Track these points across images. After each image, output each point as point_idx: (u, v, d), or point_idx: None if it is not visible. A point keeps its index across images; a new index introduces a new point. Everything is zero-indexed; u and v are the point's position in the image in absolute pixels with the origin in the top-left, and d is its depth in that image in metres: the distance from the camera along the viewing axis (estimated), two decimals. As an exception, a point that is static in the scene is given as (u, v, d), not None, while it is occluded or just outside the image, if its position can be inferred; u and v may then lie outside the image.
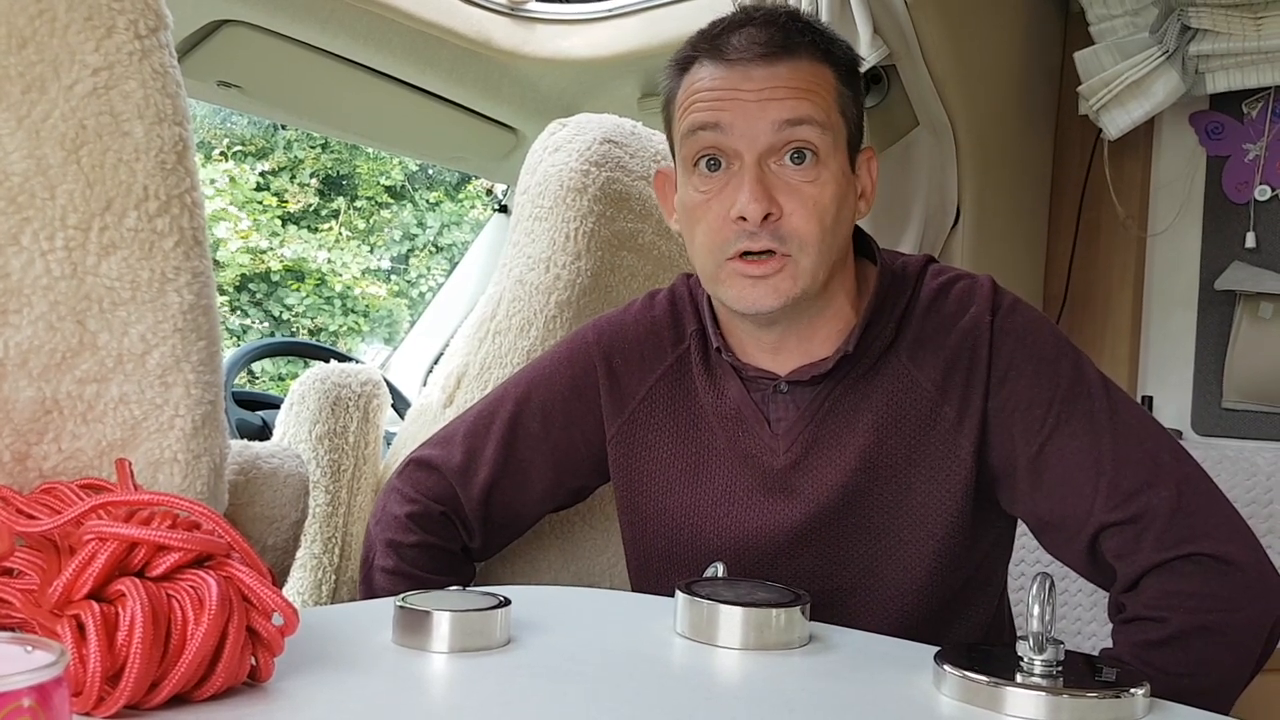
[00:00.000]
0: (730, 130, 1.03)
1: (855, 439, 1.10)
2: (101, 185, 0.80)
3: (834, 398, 1.11)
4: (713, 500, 1.15)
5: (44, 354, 0.79)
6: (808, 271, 1.05)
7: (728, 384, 1.16)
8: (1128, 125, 2.00)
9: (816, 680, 0.78)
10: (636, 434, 1.20)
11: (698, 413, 1.17)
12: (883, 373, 1.11)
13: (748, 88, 1.03)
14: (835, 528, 1.11)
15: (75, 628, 0.59)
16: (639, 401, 1.20)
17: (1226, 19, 1.87)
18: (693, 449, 1.17)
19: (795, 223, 1.03)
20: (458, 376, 1.47)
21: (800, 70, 1.04)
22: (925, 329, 1.11)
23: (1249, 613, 1.00)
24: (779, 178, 1.03)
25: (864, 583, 1.12)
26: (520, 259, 1.46)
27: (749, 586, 0.92)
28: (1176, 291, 2.10)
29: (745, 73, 1.04)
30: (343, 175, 9.17)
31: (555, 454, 1.23)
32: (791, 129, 1.02)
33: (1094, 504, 1.03)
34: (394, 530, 1.21)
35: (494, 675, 0.74)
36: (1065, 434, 1.05)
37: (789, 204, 1.03)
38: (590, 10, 2.28)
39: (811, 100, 1.03)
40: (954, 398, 1.08)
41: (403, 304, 9.11)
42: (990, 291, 1.11)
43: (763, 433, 1.13)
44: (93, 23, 0.81)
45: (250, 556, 0.67)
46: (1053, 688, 0.71)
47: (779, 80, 1.03)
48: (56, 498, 0.71)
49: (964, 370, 1.08)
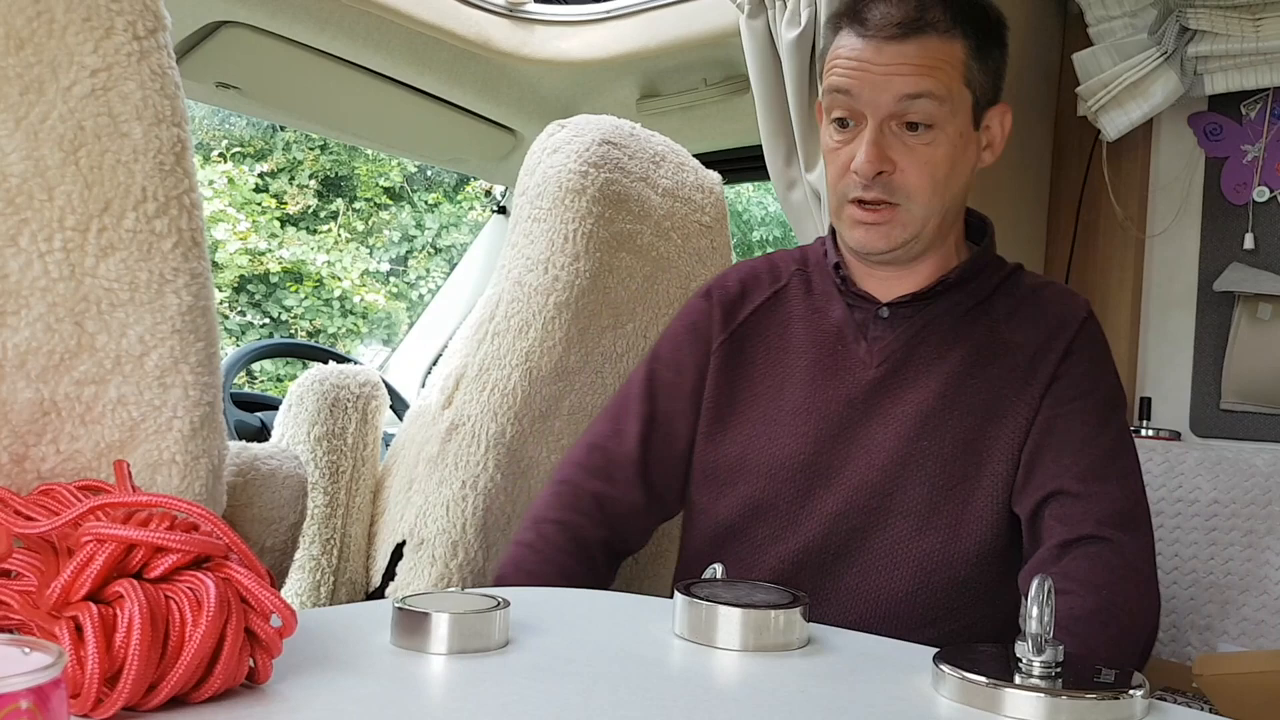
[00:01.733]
0: (859, 98, 1.18)
1: (942, 370, 1.22)
2: (100, 186, 0.80)
3: (929, 327, 1.24)
4: (792, 410, 1.25)
5: (42, 355, 0.78)
6: (918, 219, 1.20)
7: (831, 306, 1.29)
8: (1126, 126, 2.00)
9: (815, 682, 0.78)
10: (733, 351, 1.31)
11: (792, 337, 1.29)
12: (978, 325, 1.24)
13: (878, 61, 1.17)
14: (903, 451, 1.20)
15: (73, 629, 0.59)
16: (738, 324, 1.33)
17: (1225, 20, 1.87)
18: (782, 369, 1.28)
19: (908, 178, 1.18)
20: (456, 378, 1.47)
21: (927, 48, 1.16)
22: (1024, 307, 1.25)
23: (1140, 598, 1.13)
24: (897, 139, 1.18)
25: (919, 509, 1.19)
26: (519, 260, 1.46)
27: (747, 588, 0.92)
28: (1175, 292, 2.10)
29: (878, 47, 1.17)
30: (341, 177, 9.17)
31: (693, 396, 1.32)
32: (910, 102, 1.16)
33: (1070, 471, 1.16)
34: (542, 507, 1.31)
35: (492, 677, 0.74)
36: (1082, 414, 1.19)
37: (903, 161, 1.18)
38: (589, 12, 2.28)
39: (933, 76, 1.16)
40: (1034, 360, 1.21)
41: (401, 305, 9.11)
42: (1086, 301, 1.29)
43: (858, 349, 1.25)
44: (91, 24, 0.81)
45: (248, 558, 0.67)
46: (1051, 689, 0.71)
47: (905, 58, 1.16)
48: (54, 499, 0.71)
49: (1049, 340, 1.22)
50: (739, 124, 2.33)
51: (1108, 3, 2.01)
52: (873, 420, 1.21)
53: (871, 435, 1.21)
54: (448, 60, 2.27)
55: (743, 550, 1.25)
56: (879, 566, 1.19)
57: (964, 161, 1.22)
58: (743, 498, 1.25)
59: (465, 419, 1.42)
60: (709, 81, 2.32)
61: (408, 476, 1.51)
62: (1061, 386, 1.20)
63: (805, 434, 1.23)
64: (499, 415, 1.41)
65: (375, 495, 1.61)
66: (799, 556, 1.21)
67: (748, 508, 1.24)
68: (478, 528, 1.39)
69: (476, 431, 1.41)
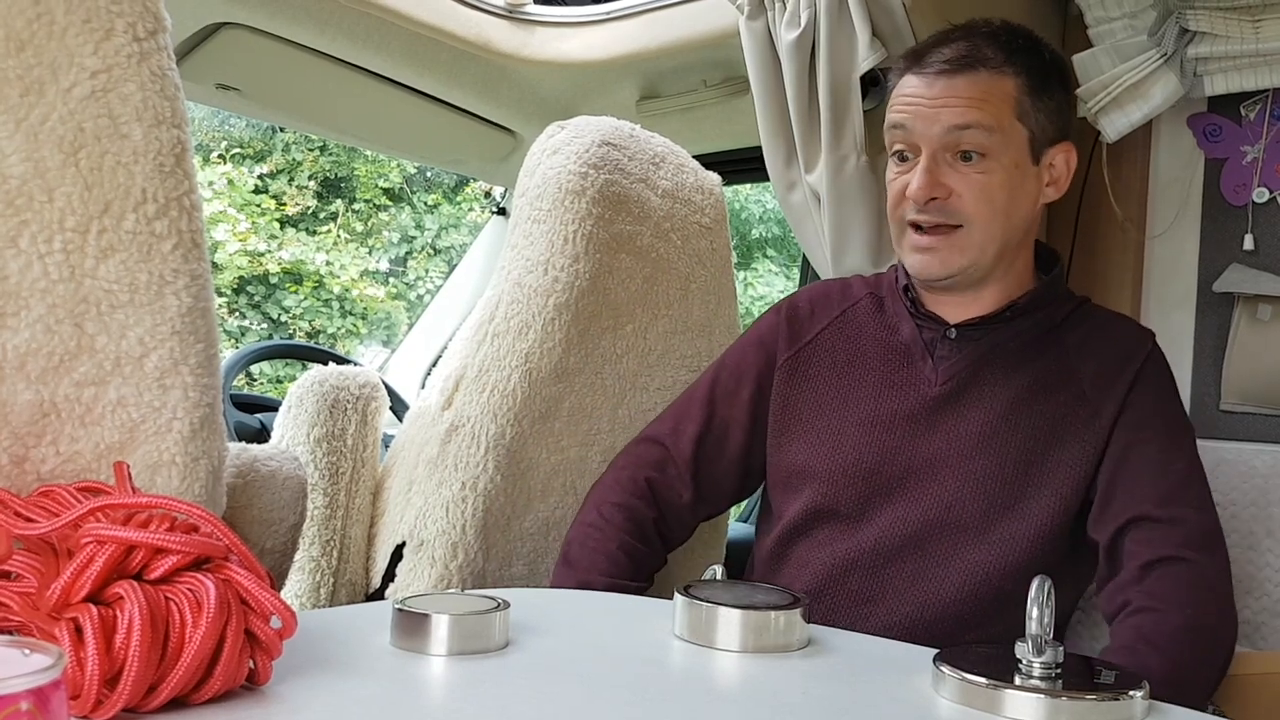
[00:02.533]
0: (912, 130, 1.25)
1: (1007, 394, 1.25)
2: (100, 188, 0.80)
3: (996, 351, 1.28)
4: (857, 422, 1.31)
5: (42, 357, 0.78)
6: (976, 244, 1.24)
7: (901, 324, 1.34)
8: (1126, 128, 2.00)
9: (815, 683, 0.78)
10: (801, 366, 1.38)
11: (861, 352, 1.36)
12: (1046, 353, 1.29)
13: (929, 95, 1.24)
14: (963, 468, 1.24)
15: (73, 631, 0.59)
16: (808, 341, 1.39)
17: (1225, 21, 1.87)
18: (849, 382, 1.34)
19: (965, 203, 1.23)
20: (456, 379, 1.47)
21: (977, 82, 1.23)
22: (1093, 337, 1.30)
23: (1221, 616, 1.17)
24: (951, 168, 1.24)
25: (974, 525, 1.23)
26: (518, 261, 1.46)
27: (747, 589, 0.92)
28: (1175, 293, 2.10)
29: (930, 82, 1.25)
30: (341, 178, 9.17)
31: (751, 405, 1.40)
32: (959, 133, 1.22)
33: (1149, 498, 1.19)
34: (603, 491, 1.41)
35: (492, 678, 0.74)
36: (1156, 443, 1.23)
37: (959, 186, 1.23)
38: (589, 13, 2.27)
39: (981, 109, 1.22)
40: (1100, 390, 1.25)
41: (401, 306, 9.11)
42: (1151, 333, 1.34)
43: (925, 366, 1.30)
44: (91, 25, 0.81)
45: (248, 559, 0.67)
46: (1051, 690, 0.71)
47: (954, 91, 1.23)
48: (54, 500, 0.71)
49: (1116, 371, 1.26)
50: (739, 125, 2.33)
51: (1107, 4, 2.01)
52: (935, 436, 1.26)
53: (933, 450, 1.26)
54: (447, 61, 2.27)
55: (802, 550, 1.31)
56: (928, 575, 1.23)
57: (1023, 193, 1.26)
58: (807, 501, 1.31)
59: (465, 420, 1.42)
60: (709, 83, 2.32)
61: (407, 478, 1.50)
62: (1132, 416, 1.24)
63: (868, 444, 1.29)
64: (499, 416, 1.41)
65: (375, 497, 1.61)
66: (853, 558, 1.26)
67: (810, 511, 1.30)
68: (477, 529, 1.39)
69: (476, 433, 1.41)
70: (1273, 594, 1.72)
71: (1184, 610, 1.12)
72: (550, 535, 1.49)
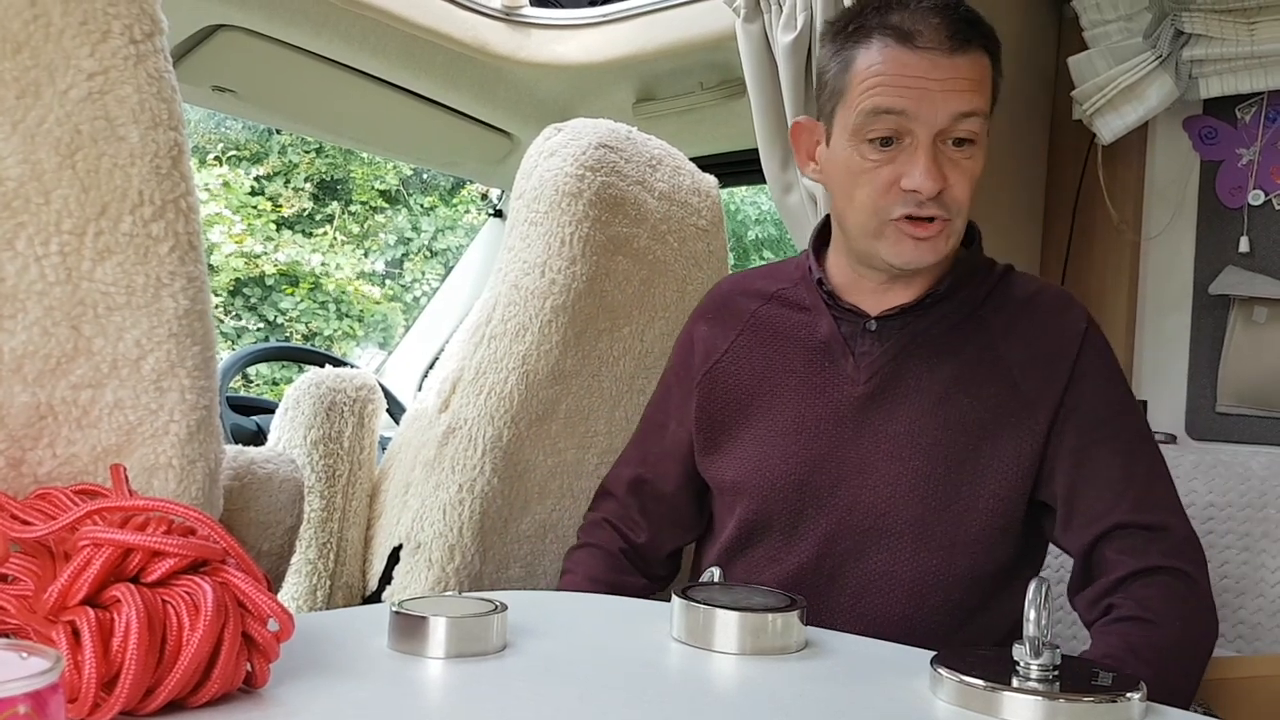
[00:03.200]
0: (914, 117, 1.13)
1: (934, 387, 1.19)
2: (96, 190, 0.80)
3: (918, 342, 1.21)
4: (782, 430, 1.24)
5: (39, 359, 0.78)
6: (959, 231, 1.19)
7: (819, 320, 1.27)
8: (1122, 130, 2.00)
9: (813, 685, 0.78)
10: (720, 377, 1.31)
11: (779, 354, 1.28)
12: (970, 337, 1.22)
13: (934, 76, 1.13)
14: (894, 471, 1.18)
15: (70, 634, 0.59)
16: (724, 350, 1.32)
17: (1220, 23, 1.88)
18: (770, 387, 1.27)
19: (956, 193, 1.16)
20: (453, 381, 1.47)
21: (976, 64, 1.15)
22: (1020, 319, 1.22)
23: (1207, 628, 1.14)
24: (944, 154, 1.15)
25: (912, 531, 1.17)
26: (515, 263, 1.46)
27: (745, 591, 0.92)
28: (1171, 296, 2.10)
29: (933, 62, 1.13)
30: (337, 180, 9.17)
31: (679, 437, 1.35)
32: (965, 120, 1.14)
33: (1120, 504, 1.14)
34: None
35: (489, 680, 0.74)
36: (1112, 442, 1.17)
37: (952, 176, 1.15)
38: (585, 15, 2.28)
39: (983, 91, 1.16)
40: (1034, 382, 1.18)
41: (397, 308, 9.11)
42: (1084, 306, 1.26)
43: (846, 364, 1.23)
44: (88, 28, 0.80)
45: (245, 562, 0.67)
46: (1049, 692, 0.71)
47: (960, 73, 1.13)
48: (51, 503, 0.71)
49: (1049, 362, 1.19)
50: (735, 127, 2.33)
51: (1103, 6, 2.01)
52: (863, 439, 1.19)
53: (862, 455, 1.19)
54: (444, 64, 2.27)
55: (741, 570, 1.26)
56: (873, 589, 1.18)
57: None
58: (741, 518, 1.26)
59: (462, 422, 1.42)
60: (705, 85, 2.32)
61: (404, 480, 1.50)
62: (1078, 412, 1.17)
63: (796, 454, 1.22)
64: (496, 419, 1.41)
65: (372, 499, 1.61)
66: (794, 577, 1.21)
67: (746, 528, 1.25)
68: (474, 531, 1.39)
69: (473, 435, 1.41)
70: (1269, 595, 1.72)
71: (1175, 624, 1.09)
72: (547, 538, 1.49)
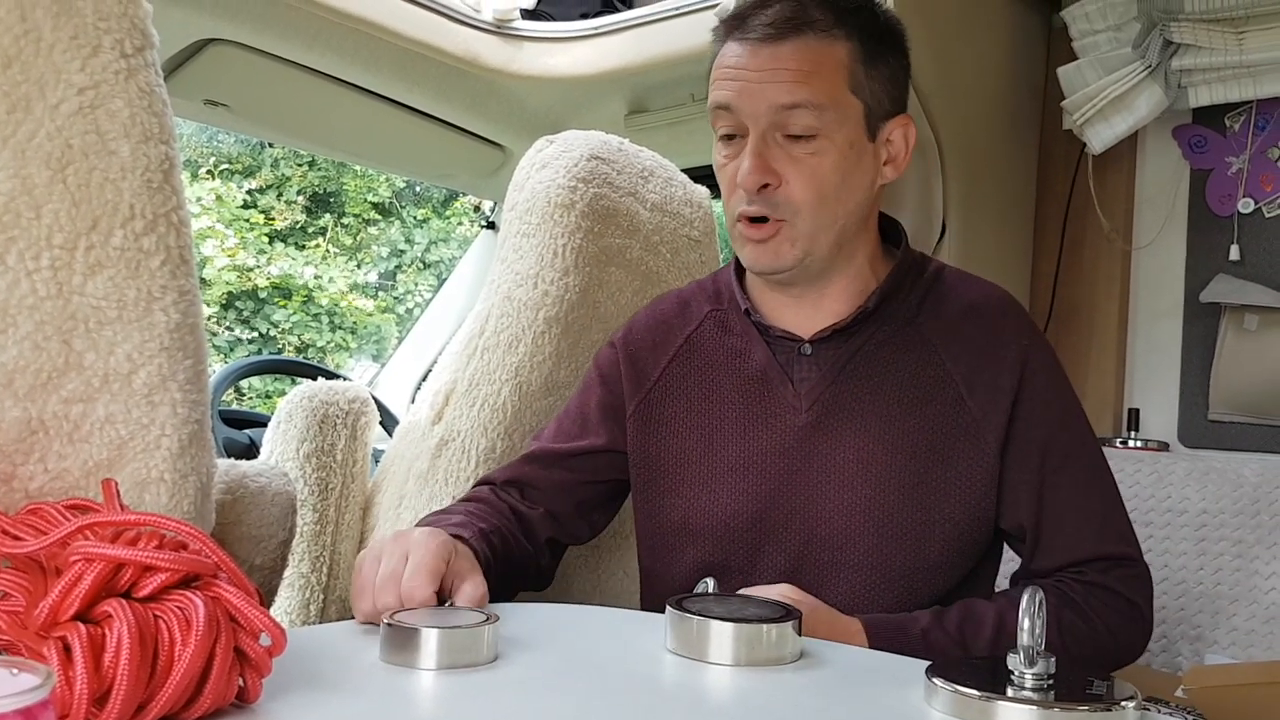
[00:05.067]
0: (739, 111, 1.10)
1: (877, 408, 1.14)
2: (87, 204, 0.80)
3: (856, 361, 1.16)
4: (728, 468, 1.17)
5: (30, 374, 0.78)
6: (806, 235, 1.11)
7: (753, 349, 1.20)
8: (1111, 139, 2.01)
9: (808, 696, 0.78)
10: (653, 411, 1.23)
11: (714, 386, 1.21)
12: (910, 350, 1.16)
13: (753, 68, 1.09)
14: (847, 501, 1.13)
15: (62, 650, 0.58)
16: (655, 381, 1.24)
17: (1209, 33, 1.89)
18: (709, 421, 1.20)
19: (793, 191, 1.10)
20: (446, 393, 1.47)
21: (805, 50, 1.08)
22: (961, 323, 1.17)
23: (1129, 651, 1.14)
24: (782, 149, 1.10)
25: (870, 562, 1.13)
26: (508, 275, 1.46)
27: (739, 602, 0.92)
28: (1162, 304, 2.11)
29: (754, 51, 1.09)
30: (330, 192, 9.17)
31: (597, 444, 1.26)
32: (788, 113, 1.08)
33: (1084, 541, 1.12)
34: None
35: (481, 692, 0.73)
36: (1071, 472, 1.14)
37: (788, 173, 1.10)
38: (577, 28, 2.28)
39: (810, 84, 1.08)
40: (980, 396, 1.13)
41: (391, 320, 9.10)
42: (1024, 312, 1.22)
43: (785, 392, 1.16)
44: (78, 42, 0.81)
45: (237, 576, 0.66)
46: (1044, 701, 0.71)
47: (780, 62, 1.08)
48: (42, 518, 0.71)
49: (993, 378, 1.14)
50: (727, 139, 2.33)
51: (1092, 17, 2.02)
52: (812, 469, 1.14)
53: (812, 486, 1.14)
54: (436, 77, 2.27)
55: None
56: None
57: (858, 174, 1.13)
58: (693, 562, 1.19)
59: (455, 434, 1.41)
60: (697, 97, 2.32)
61: (398, 493, 1.50)
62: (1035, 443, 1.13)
63: (745, 491, 1.16)
64: (489, 430, 1.40)
65: (365, 512, 1.61)
66: None
67: (699, 571, 1.17)
68: (468, 544, 1.39)
69: (467, 447, 1.40)
70: (1262, 601, 1.72)
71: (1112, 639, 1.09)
72: (541, 549, 1.49)
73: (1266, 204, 2.00)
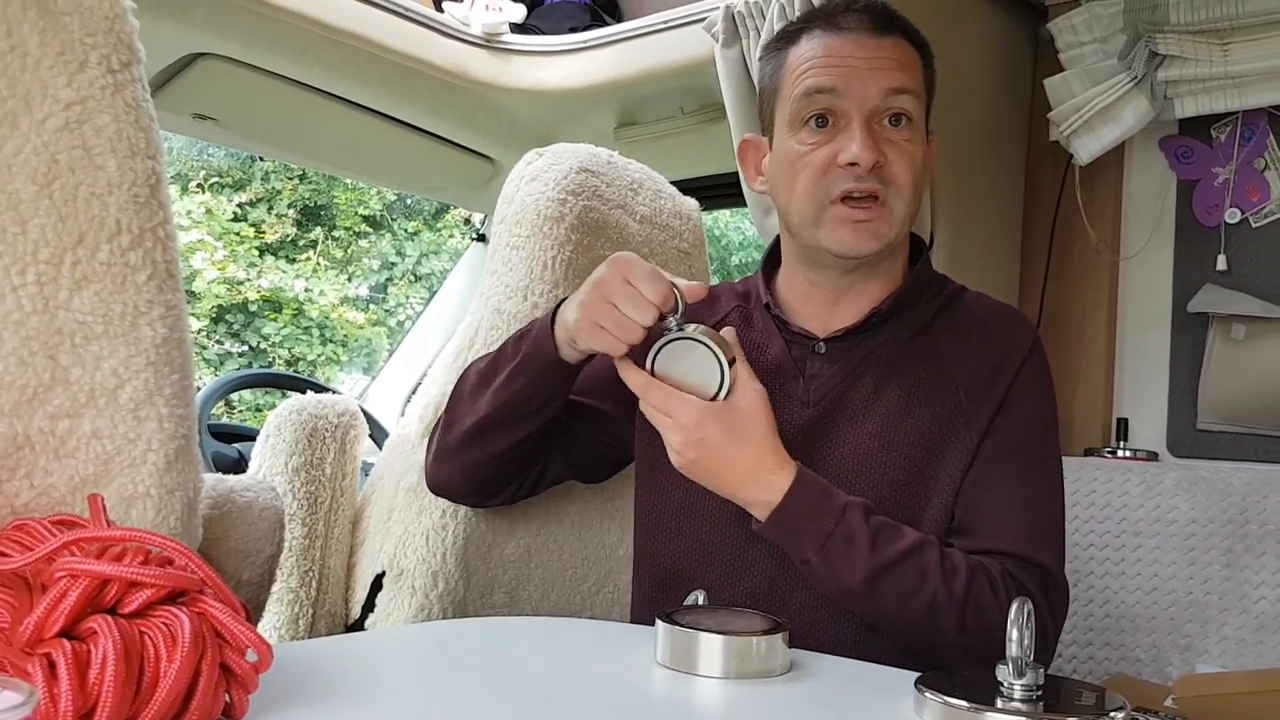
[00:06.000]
0: (845, 94, 1.14)
1: (880, 409, 1.17)
2: (74, 219, 0.80)
3: (867, 363, 1.19)
4: None
5: (15, 389, 0.78)
6: (900, 218, 1.17)
7: (770, 344, 1.24)
8: (1098, 150, 2.02)
9: (798, 708, 0.78)
10: None
11: None
12: (918, 358, 1.19)
13: (860, 54, 1.15)
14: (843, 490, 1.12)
15: (46, 666, 0.58)
16: None
17: (1194, 44, 1.90)
18: None
19: (896, 170, 1.15)
20: (435, 406, 1.46)
21: (901, 46, 1.17)
22: (971, 340, 1.20)
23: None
24: (881, 133, 1.15)
25: None
26: (498, 288, 1.46)
27: (729, 615, 0.91)
28: (1150, 314, 2.12)
29: (858, 40, 1.15)
30: (320, 206, 9.16)
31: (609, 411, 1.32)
32: (895, 96, 1.14)
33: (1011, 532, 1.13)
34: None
35: (473, 707, 0.73)
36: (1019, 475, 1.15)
37: (891, 154, 1.14)
38: (566, 42, 2.29)
39: (910, 72, 1.16)
40: (975, 398, 1.17)
41: (382, 332, 9.10)
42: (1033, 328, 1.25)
43: (796, 387, 1.20)
44: (65, 58, 0.80)
45: (224, 592, 0.66)
46: (1033, 712, 0.71)
47: (886, 51, 1.15)
48: (28, 534, 0.70)
49: (988, 382, 1.17)
50: (716, 151, 2.34)
51: (1078, 29, 2.04)
52: (812, 462, 1.15)
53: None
54: (426, 90, 2.28)
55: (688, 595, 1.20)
56: (824, 618, 1.14)
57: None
58: (688, 542, 1.22)
59: (445, 448, 1.41)
60: (685, 110, 2.33)
61: (387, 506, 1.50)
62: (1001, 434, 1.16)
63: None
64: (479, 444, 1.40)
65: (354, 526, 1.60)
66: (745, 602, 1.16)
67: (693, 552, 1.21)
68: (458, 557, 1.39)
69: (456, 460, 1.40)
70: (1251, 610, 1.73)
71: (996, 610, 1.06)
72: (532, 562, 1.49)
73: (1253, 214, 2.01)
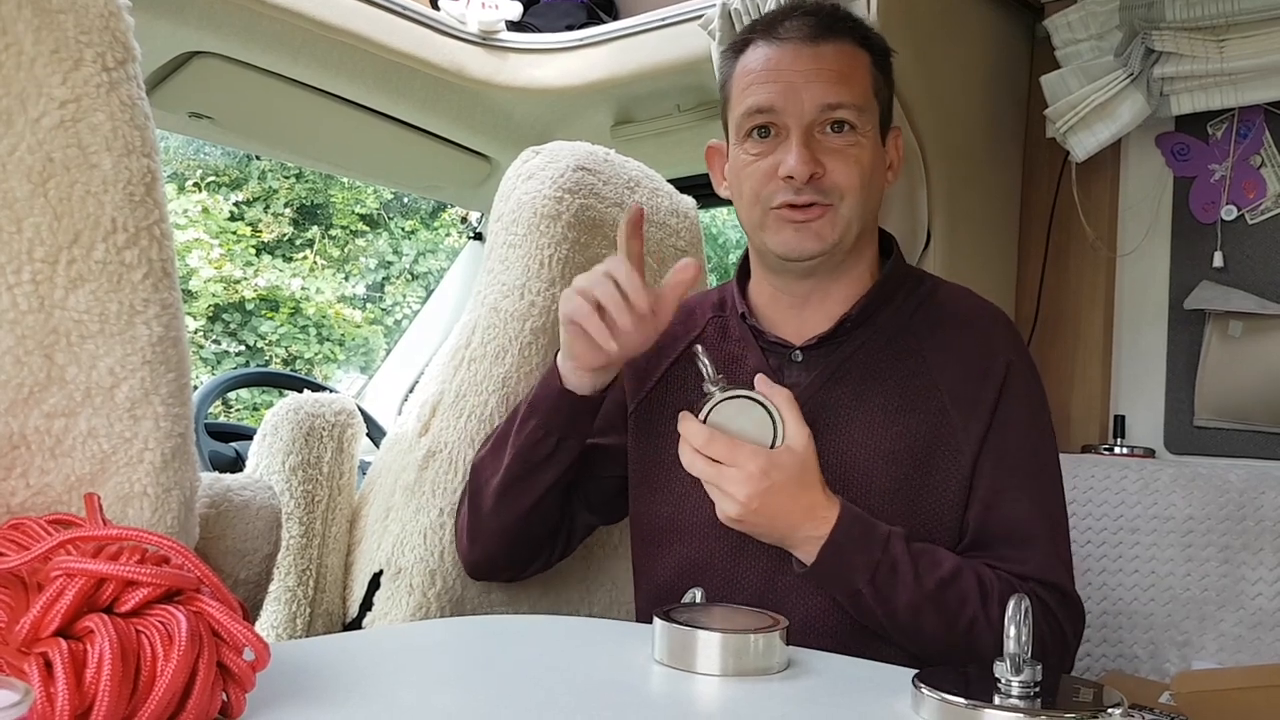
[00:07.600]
0: (782, 110, 1.15)
1: (863, 416, 1.16)
2: (69, 218, 0.80)
3: (845, 368, 1.19)
4: None
5: (11, 388, 0.78)
6: (845, 219, 1.16)
7: (747, 354, 1.24)
8: (1095, 147, 2.02)
9: (795, 706, 0.78)
10: (652, 411, 1.29)
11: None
12: (899, 360, 1.18)
13: (797, 67, 1.15)
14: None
15: (43, 666, 0.58)
16: (656, 381, 1.30)
17: (1190, 41, 1.90)
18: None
19: (837, 178, 1.15)
20: (433, 405, 1.46)
21: (841, 53, 1.16)
22: (952, 336, 1.20)
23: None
24: (822, 144, 1.15)
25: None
26: (495, 286, 1.46)
27: (727, 612, 0.91)
28: (1146, 311, 2.12)
29: (796, 51, 1.16)
30: (317, 204, 9.16)
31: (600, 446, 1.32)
32: (831, 110, 1.15)
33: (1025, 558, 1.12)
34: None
35: (472, 705, 0.73)
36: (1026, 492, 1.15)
37: (831, 163, 1.15)
38: (562, 40, 2.29)
39: (850, 81, 1.16)
40: (963, 408, 1.16)
41: (379, 331, 9.09)
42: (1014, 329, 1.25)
43: None
44: (60, 55, 0.80)
45: (221, 591, 0.66)
46: (1030, 709, 0.71)
47: (824, 61, 1.15)
48: (24, 533, 0.70)
49: (976, 391, 1.16)
50: (713, 149, 2.34)
51: (1074, 26, 2.03)
52: None
53: None
54: (422, 88, 2.27)
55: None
56: (817, 628, 1.14)
57: (880, 171, 1.21)
58: (678, 559, 1.22)
59: (442, 446, 1.41)
60: (682, 107, 2.33)
61: (385, 505, 1.50)
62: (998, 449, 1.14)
63: None
64: (476, 442, 1.40)
65: (352, 524, 1.60)
66: None
67: (684, 568, 1.21)
68: (456, 556, 1.39)
69: (454, 458, 1.40)
70: (1249, 607, 1.73)
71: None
72: (529, 561, 1.48)
73: (1250, 210, 2.01)
